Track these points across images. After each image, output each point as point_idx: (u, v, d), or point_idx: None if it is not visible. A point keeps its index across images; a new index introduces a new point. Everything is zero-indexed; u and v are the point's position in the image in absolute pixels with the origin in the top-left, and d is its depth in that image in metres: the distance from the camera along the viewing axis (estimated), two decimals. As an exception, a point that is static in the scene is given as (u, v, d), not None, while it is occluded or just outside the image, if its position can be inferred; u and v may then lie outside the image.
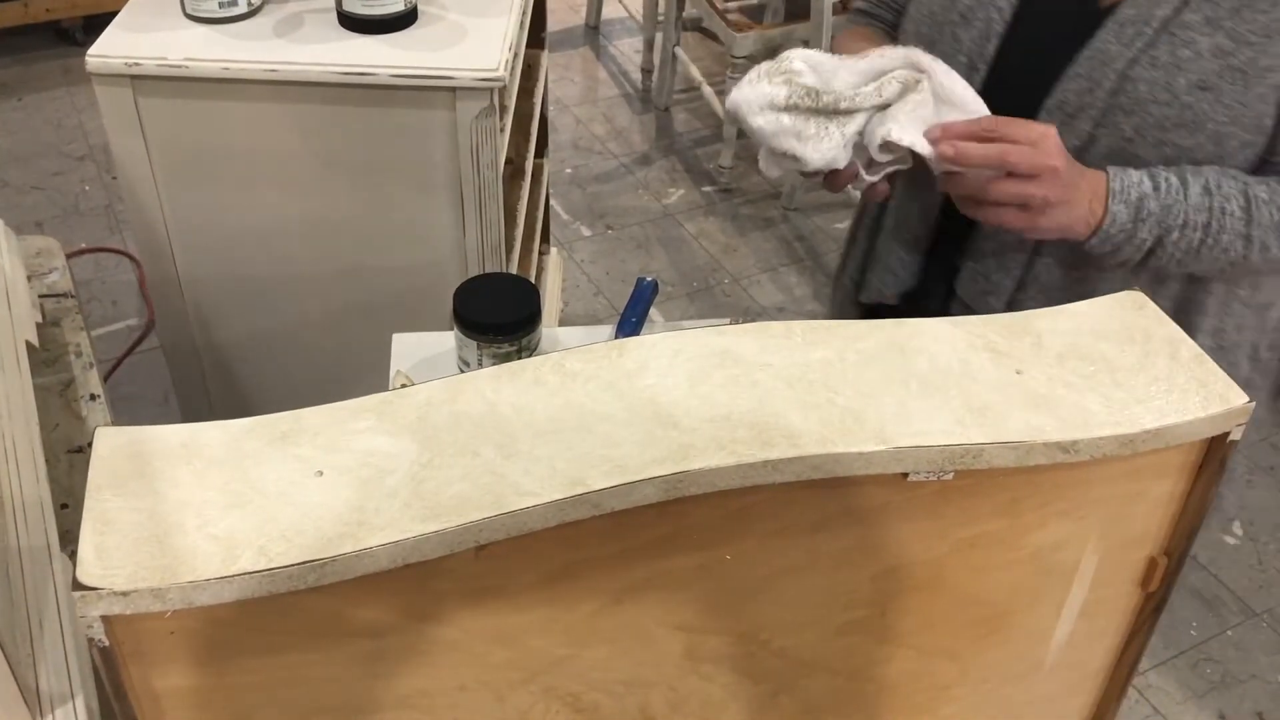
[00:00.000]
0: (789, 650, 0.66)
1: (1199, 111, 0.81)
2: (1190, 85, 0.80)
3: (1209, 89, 0.80)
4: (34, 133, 2.66)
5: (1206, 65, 0.80)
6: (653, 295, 1.15)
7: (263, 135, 1.32)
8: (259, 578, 0.50)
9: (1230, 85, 0.80)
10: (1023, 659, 0.73)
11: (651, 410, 0.58)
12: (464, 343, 0.98)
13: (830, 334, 0.64)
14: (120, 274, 2.29)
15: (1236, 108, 0.81)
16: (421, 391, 0.59)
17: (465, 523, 0.52)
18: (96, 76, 1.26)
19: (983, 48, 0.89)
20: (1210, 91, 0.80)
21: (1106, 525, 0.67)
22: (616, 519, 0.55)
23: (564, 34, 3.28)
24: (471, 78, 1.25)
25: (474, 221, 1.37)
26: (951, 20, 0.90)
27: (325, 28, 1.32)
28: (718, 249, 2.51)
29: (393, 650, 0.57)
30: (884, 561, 0.64)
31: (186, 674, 0.53)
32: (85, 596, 0.48)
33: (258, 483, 0.53)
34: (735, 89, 0.86)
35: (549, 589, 0.58)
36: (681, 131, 2.90)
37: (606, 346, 0.62)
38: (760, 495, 0.58)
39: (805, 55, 0.86)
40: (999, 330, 0.65)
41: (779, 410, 0.58)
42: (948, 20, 0.90)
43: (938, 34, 0.91)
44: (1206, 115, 0.81)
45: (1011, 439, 0.58)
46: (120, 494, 0.52)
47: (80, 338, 1.21)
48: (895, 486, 0.60)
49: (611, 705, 0.65)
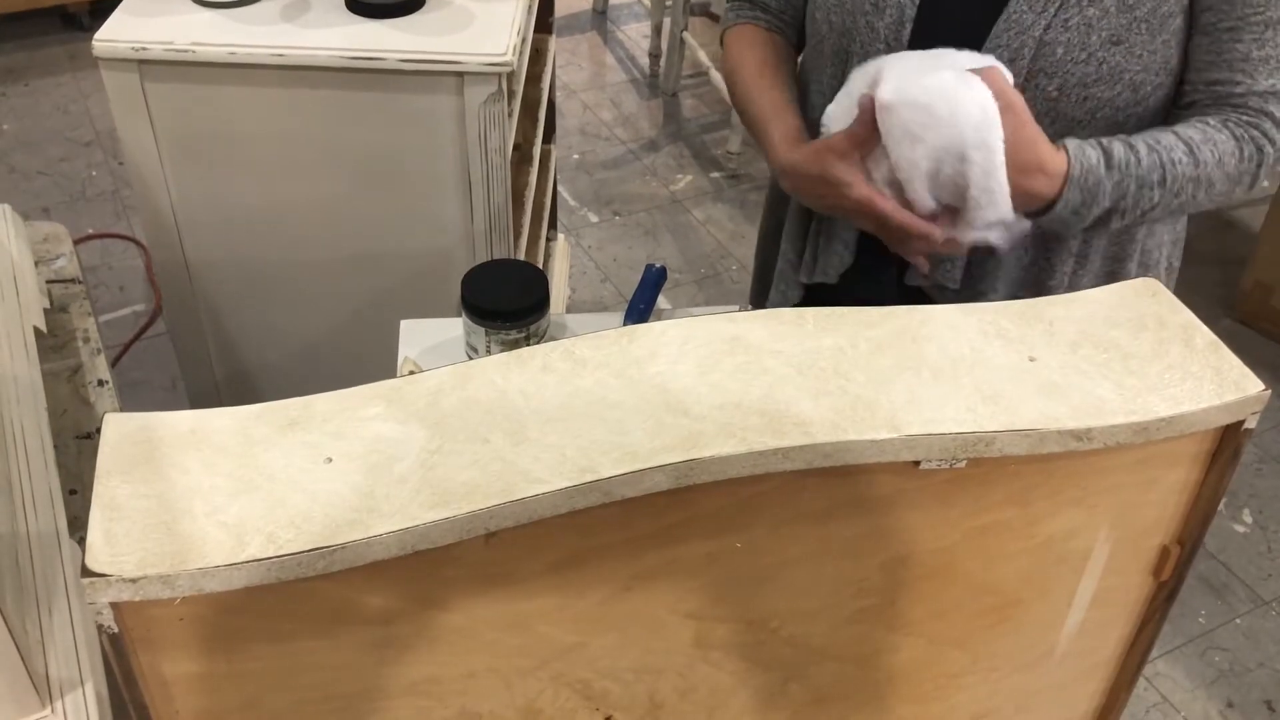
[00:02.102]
0: (799, 638, 0.66)
1: (1114, 65, 0.85)
2: (1103, 41, 0.85)
3: (1120, 42, 0.85)
4: (41, 118, 2.65)
5: (1115, 21, 0.84)
6: (661, 282, 1.15)
7: (269, 120, 1.31)
8: (268, 564, 0.49)
9: (1139, 36, 0.85)
10: (1033, 647, 0.73)
11: (661, 398, 0.58)
12: (472, 329, 0.98)
13: (841, 321, 0.63)
14: (127, 259, 2.29)
15: (1147, 56, 0.85)
16: (431, 378, 0.59)
17: (475, 510, 0.52)
18: (103, 61, 1.25)
19: (899, 33, 0.89)
20: (1122, 45, 0.85)
21: (1119, 514, 0.66)
22: (626, 506, 0.55)
23: (571, 19, 3.26)
24: (479, 63, 1.24)
25: (481, 207, 1.36)
26: (864, 10, 0.90)
27: (332, 12, 1.31)
28: (726, 235, 2.50)
29: (402, 637, 0.57)
30: (894, 550, 0.63)
31: (196, 660, 0.53)
32: (94, 583, 0.48)
33: (266, 469, 0.53)
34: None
35: (558, 576, 0.58)
36: (689, 117, 2.89)
37: (616, 333, 0.61)
38: (771, 483, 0.57)
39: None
40: (1011, 317, 0.65)
41: (790, 397, 0.58)
42: (860, 9, 0.91)
43: (851, 23, 0.91)
44: (1122, 67, 0.85)
45: (1024, 427, 0.58)
46: (129, 480, 0.52)
47: (88, 323, 1.21)
48: (906, 474, 0.59)
49: (620, 692, 0.65)
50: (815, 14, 0.96)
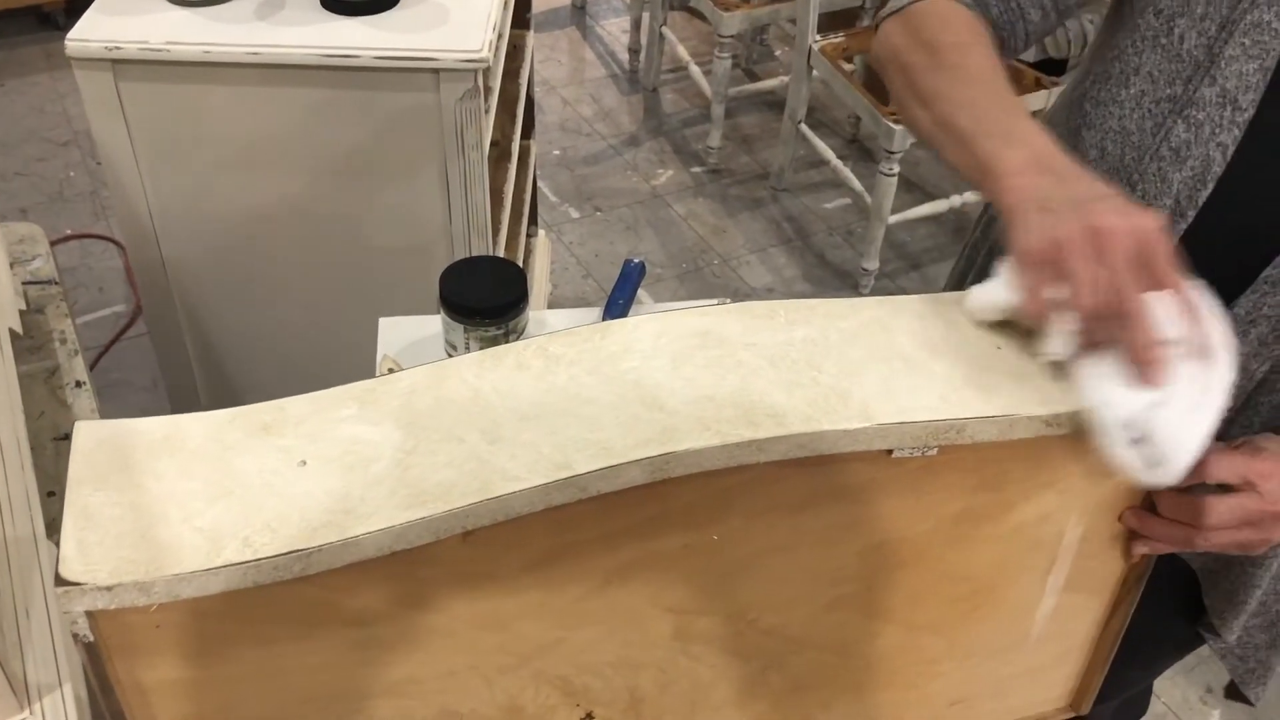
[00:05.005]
0: (777, 628, 0.67)
1: None
2: None
3: None
4: (16, 118, 2.63)
5: None
6: (640, 277, 1.15)
7: (245, 119, 1.30)
8: (244, 569, 0.50)
9: None
10: (1008, 632, 0.73)
11: (636, 392, 0.58)
12: (450, 326, 0.98)
13: (812, 313, 0.63)
14: (107, 260, 2.28)
15: None
16: (405, 378, 0.59)
17: (451, 509, 0.52)
18: (76, 61, 1.25)
19: (1195, 193, 0.70)
20: None
21: (1090, 497, 0.67)
22: (603, 502, 0.55)
23: (550, 14, 3.25)
24: (455, 59, 1.24)
25: (460, 204, 1.36)
26: (1159, 154, 0.71)
27: (307, 10, 1.31)
28: (707, 230, 2.50)
29: (381, 638, 0.57)
30: (870, 538, 0.64)
31: (174, 667, 0.53)
32: (69, 592, 0.48)
33: (241, 474, 0.53)
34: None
35: (537, 573, 0.58)
36: (669, 112, 2.89)
37: (590, 329, 0.62)
38: (746, 475, 0.58)
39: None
40: (982, 307, 0.65)
41: (763, 390, 0.58)
42: (1153, 151, 0.71)
43: (1135, 162, 0.72)
44: None
45: (994, 414, 0.58)
46: (102, 488, 0.52)
47: (65, 324, 1.20)
48: (880, 463, 0.60)
49: (601, 687, 0.65)
50: (1088, 138, 0.76)
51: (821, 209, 2.60)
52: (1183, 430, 0.57)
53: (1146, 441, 0.57)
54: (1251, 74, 0.68)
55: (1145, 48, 0.72)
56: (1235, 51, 0.68)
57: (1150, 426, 0.57)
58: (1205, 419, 0.58)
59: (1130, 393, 0.57)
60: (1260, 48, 0.67)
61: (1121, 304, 0.56)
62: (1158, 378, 0.57)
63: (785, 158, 2.58)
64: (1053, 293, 0.58)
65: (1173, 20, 0.71)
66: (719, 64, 2.55)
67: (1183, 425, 0.57)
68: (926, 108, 0.71)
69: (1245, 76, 0.68)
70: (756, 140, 2.80)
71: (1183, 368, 0.58)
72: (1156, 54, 0.72)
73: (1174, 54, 0.71)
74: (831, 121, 2.85)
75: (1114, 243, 0.56)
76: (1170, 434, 0.56)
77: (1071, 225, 0.57)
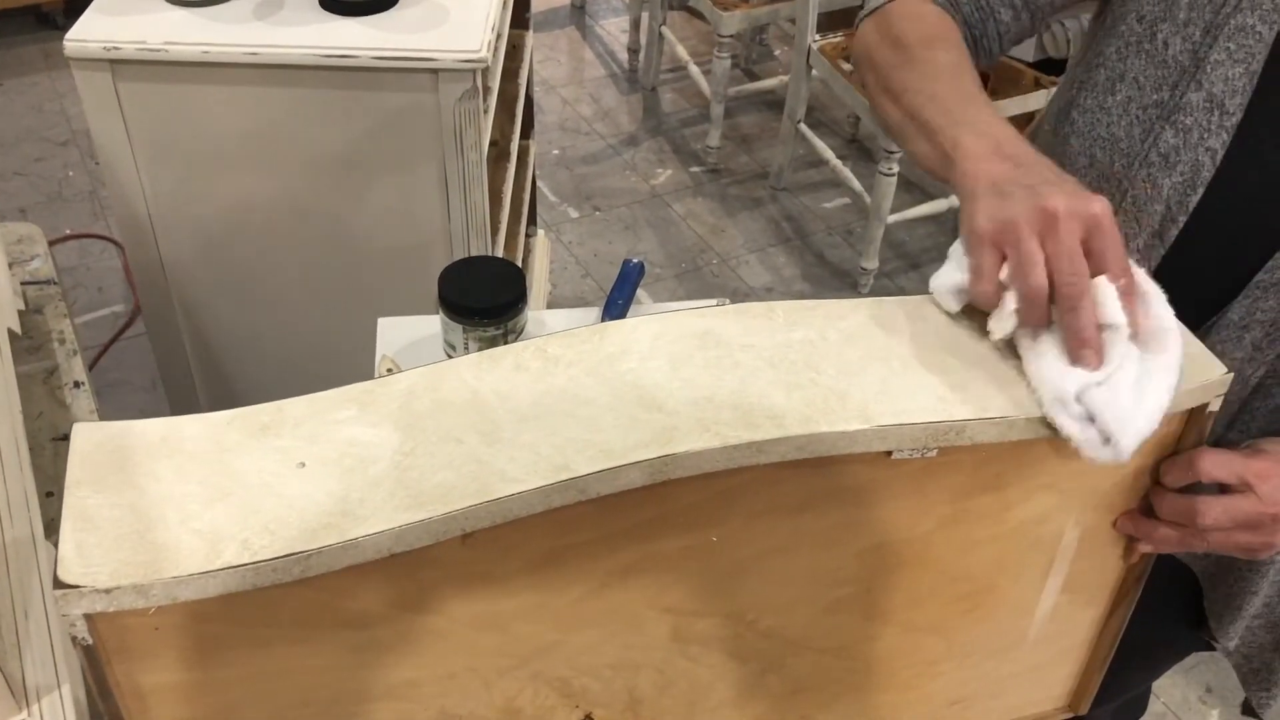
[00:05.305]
0: (776, 630, 0.67)
1: None
2: None
3: None
4: (15, 118, 2.63)
5: None
6: (639, 277, 1.15)
7: (244, 119, 1.30)
8: (243, 571, 0.49)
9: None
10: (1007, 633, 0.73)
11: (635, 394, 0.58)
12: (449, 327, 0.98)
13: (811, 314, 0.63)
14: (105, 260, 2.28)
15: None
16: (403, 380, 0.59)
17: (450, 511, 0.52)
18: (75, 61, 1.24)
19: (1186, 198, 0.70)
20: None
21: (1088, 498, 0.67)
22: (602, 504, 0.55)
23: (549, 14, 3.25)
24: (453, 59, 1.24)
25: (459, 204, 1.36)
26: (1148, 160, 0.70)
27: (306, 10, 1.31)
28: (706, 230, 2.50)
29: (380, 641, 0.57)
30: (869, 539, 0.64)
31: (172, 670, 0.53)
32: (67, 595, 0.48)
33: (240, 475, 0.53)
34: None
35: (536, 575, 0.58)
36: (669, 112, 2.89)
37: (588, 331, 0.61)
38: (745, 476, 0.58)
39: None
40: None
41: (762, 391, 0.58)
42: (1142, 158, 0.71)
43: (1124, 170, 0.71)
44: None
45: (993, 415, 0.58)
46: (100, 490, 0.52)
47: (63, 324, 1.20)
48: (879, 465, 0.60)
49: (600, 689, 0.65)
50: (1073, 144, 0.75)
51: (820, 209, 2.60)
52: (1126, 410, 0.57)
53: (1094, 420, 0.57)
54: (1238, 78, 0.68)
55: (1130, 54, 0.72)
56: (1220, 56, 0.68)
57: (1093, 406, 0.57)
58: (1154, 400, 0.58)
59: (1070, 372, 0.58)
60: (1245, 52, 0.67)
61: (1065, 285, 0.57)
62: (1092, 360, 0.57)
63: (784, 157, 2.58)
64: (1002, 273, 0.59)
65: (1155, 26, 0.71)
66: (718, 64, 2.55)
67: (1126, 405, 0.57)
68: (895, 102, 0.71)
69: (1231, 81, 0.68)
70: (756, 140, 2.80)
71: (1126, 349, 0.58)
72: (1141, 60, 0.72)
73: (1159, 60, 0.71)
74: (831, 121, 2.85)
75: (1062, 224, 0.57)
76: (1113, 414, 0.57)
77: (1022, 207, 0.58)
